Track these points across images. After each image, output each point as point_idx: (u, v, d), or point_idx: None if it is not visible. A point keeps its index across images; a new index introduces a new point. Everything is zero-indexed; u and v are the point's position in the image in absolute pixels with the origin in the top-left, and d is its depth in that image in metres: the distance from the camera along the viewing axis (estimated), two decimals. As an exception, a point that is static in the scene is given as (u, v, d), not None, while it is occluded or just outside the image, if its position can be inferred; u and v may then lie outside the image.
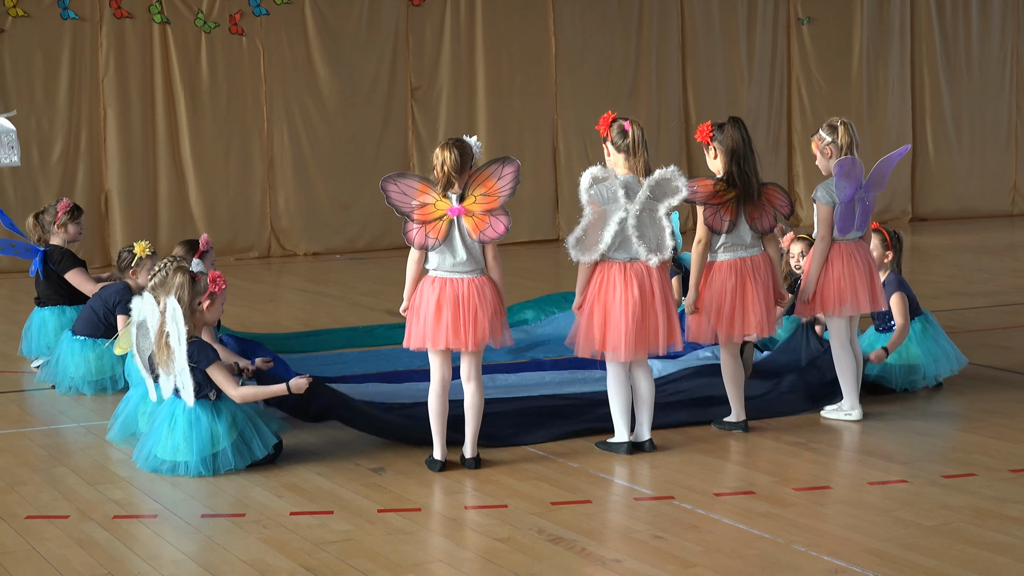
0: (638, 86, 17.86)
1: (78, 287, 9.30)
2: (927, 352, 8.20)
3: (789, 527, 5.65)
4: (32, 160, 14.67)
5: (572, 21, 17.43)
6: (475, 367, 6.63)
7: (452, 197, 6.51)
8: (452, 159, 6.43)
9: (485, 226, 6.50)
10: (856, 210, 7.52)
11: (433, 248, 6.50)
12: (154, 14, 15.36)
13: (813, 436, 7.25)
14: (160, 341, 6.65)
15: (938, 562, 5.19)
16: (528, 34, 17.24)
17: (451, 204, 6.50)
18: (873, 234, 8.28)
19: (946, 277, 13.15)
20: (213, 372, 6.63)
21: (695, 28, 18.15)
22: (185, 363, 6.55)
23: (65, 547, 5.53)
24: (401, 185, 6.52)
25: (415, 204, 6.51)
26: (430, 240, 6.49)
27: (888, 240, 8.28)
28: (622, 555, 5.34)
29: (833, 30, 18.97)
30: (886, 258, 8.27)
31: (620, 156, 6.84)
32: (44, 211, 9.51)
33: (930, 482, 6.32)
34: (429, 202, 6.51)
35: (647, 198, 6.78)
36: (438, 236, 6.48)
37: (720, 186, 7.15)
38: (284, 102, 16.00)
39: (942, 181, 19.76)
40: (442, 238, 6.47)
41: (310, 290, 12.74)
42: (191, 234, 14.84)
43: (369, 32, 16.42)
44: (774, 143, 18.74)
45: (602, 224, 6.80)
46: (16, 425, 7.75)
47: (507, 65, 17.14)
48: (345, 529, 5.73)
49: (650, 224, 6.81)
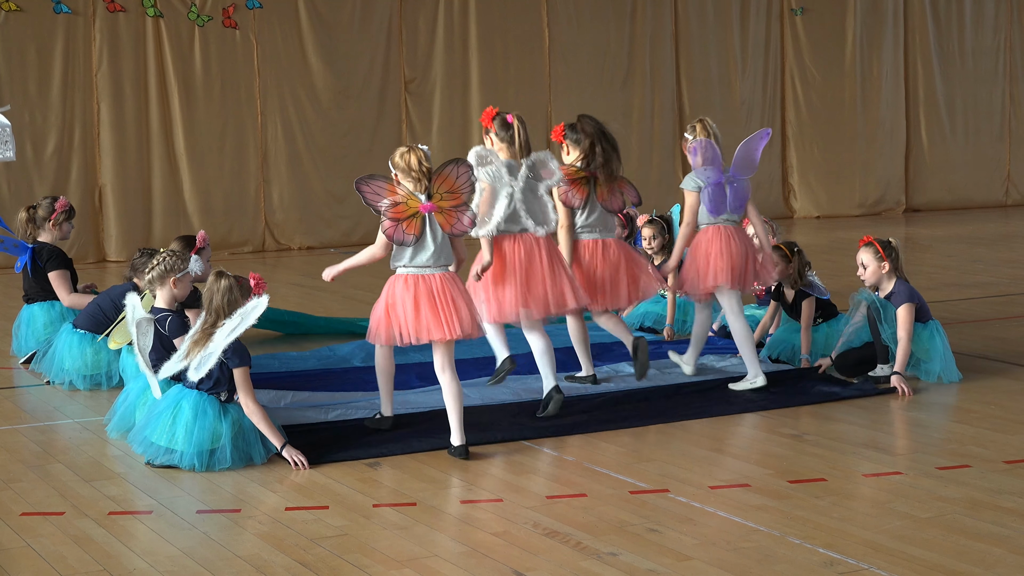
0: (632, 76, 17.85)
1: (55, 289, 9.25)
2: (925, 351, 8.20)
3: (784, 520, 5.66)
4: (26, 155, 14.65)
5: (566, 11, 17.42)
6: (448, 357, 6.83)
7: (420, 196, 6.84)
8: (422, 159, 6.85)
9: (455, 220, 6.91)
10: (727, 193, 8.17)
11: (410, 243, 6.80)
12: (147, 8, 15.34)
13: (808, 428, 7.26)
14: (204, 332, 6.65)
15: (933, 554, 5.20)
16: (521, 24, 17.23)
17: (421, 201, 6.84)
18: (864, 248, 8.28)
19: (940, 268, 13.16)
20: (240, 374, 6.62)
21: (689, 18, 18.14)
22: (219, 350, 6.55)
23: (61, 544, 5.53)
24: (373, 186, 6.84)
25: (388, 203, 6.82)
26: (408, 236, 6.80)
27: (881, 251, 8.24)
28: (618, 548, 5.34)
29: (827, 20, 18.96)
30: (883, 269, 8.24)
31: (503, 145, 7.65)
32: (37, 206, 9.49)
33: (925, 474, 6.33)
34: (400, 200, 6.82)
35: (528, 177, 7.64)
36: (414, 232, 6.81)
37: (576, 170, 8.10)
38: (278, 95, 15.98)
39: (936, 171, 19.76)
40: (418, 233, 6.81)
41: (305, 284, 12.74)
42: (185, 229, 14.83)
43: (362, 24, 16.40)
44: (768, 134, 18.72)
45: (493, 200, 7.52)
46: (10, 421, 7.74)
47: (501, 56, 17.13)
48: (341, 524, 5.73)
49: (533, 200, 7.62)
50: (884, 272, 8.24)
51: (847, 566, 5.09)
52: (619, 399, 7.88)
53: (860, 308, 8.28)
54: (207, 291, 6.75)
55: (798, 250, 8.74)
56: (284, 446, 6.63)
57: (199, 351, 6.62)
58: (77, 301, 9.15)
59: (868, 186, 19.26)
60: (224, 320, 6.61)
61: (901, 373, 8.00)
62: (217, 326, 6.63)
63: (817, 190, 19.00)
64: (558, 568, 5.15)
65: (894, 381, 7.95)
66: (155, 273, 7.37)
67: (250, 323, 6.56)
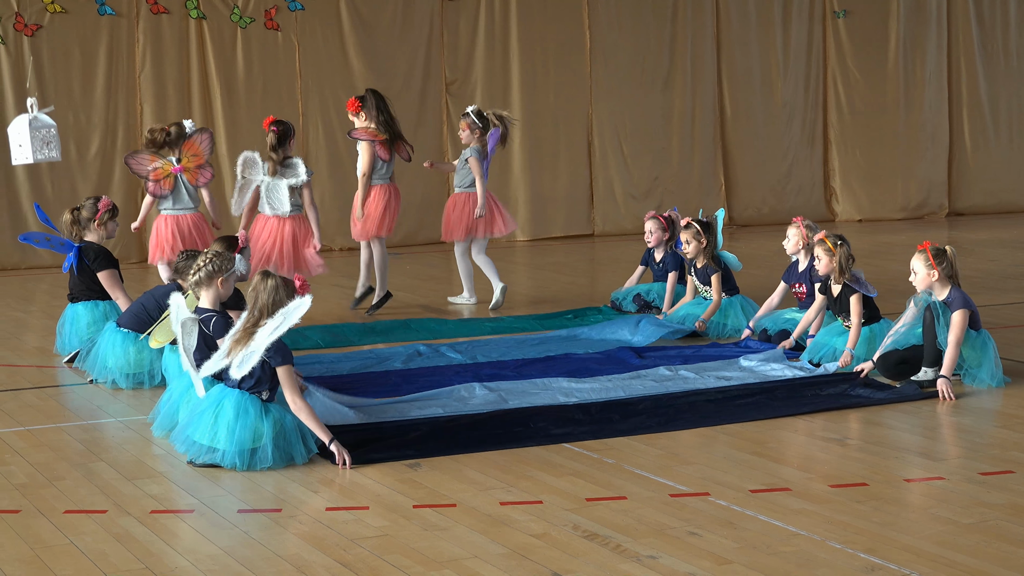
0: (673, 78, 17.80)
1: (107, 289, 9.35)
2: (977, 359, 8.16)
3: (825, 524, 5.64)
4: (70, 156, 14.74)
5: (606, 13, 17.39)
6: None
7: (172, 160, 10.22)
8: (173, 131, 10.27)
9: (199, 175, 10.30)
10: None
11: (165, 196, 10.21)
12: (190, 9, 15.42)
13: (848, 432, 7.23)
14: (246, 330, 6.69)
15: (975, 560, 5.17)
16: (562, 27, 17.20)
17: (173, 164, 10.21)
18: (918, 254, 8.25)
19: (983, 273, 13.07)
20: (284, 372, 6.65)
21: (730, 20, 18.07)
22: (261, 348, 6.58)
23: (103, 542, 5.57)
24: (137, 158, 10.29)
25: (150, 169, 10.21)
26: (163, 190, 10.21)
27: (932, 258, 8.20)
28: (657, 551, 5.34)
29: (869, 21, 18.84)
30: (931, 277, 8.20)
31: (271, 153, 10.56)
32: (81, 207, 9.57)
33: (968, 479, 6.30)
34: (159, 165, 10.18)
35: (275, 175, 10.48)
36: (168, 188, 10.21)
37: (378, 132, 11.19)
38: (319, 96, 16.02)
39: (979, 175, 19.60)
40: (170, 188, 10.21)
41: (345, 285, 12.77)
42: (226, 230, 14.88)
43: (404, 26, 16.43)
44: (809, 137, 18.63)
45: (248, 188, 10.51)
46: (55, 420, 7.80)
47: (541, 58, 17.12)
48: (381, 525, 5.74)
49: (275, 192, 10.43)
50: (934, 280, 8.21)
51: (888, 571, 5.07)
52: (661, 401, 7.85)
53: (918, 308, 8.24)
54: (252, 290, 6.79)
55: (841, 244, 8.71)
56: (332, 441, 6.66)
57: (240, 349, 6.65)
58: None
59: (910, 189, 19.13)
60: (267, 319, 6.64)
61: (947, 377, 7.96)
62: (259, 325, 6.66)
63: (859, 193, 18.89)
64: (597, 570, 5.15)
65: (940, 384, 7.91)
66: (202, 274, 7.43)
67: (292, 322, 6.59)
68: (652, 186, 17.64)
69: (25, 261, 14.68)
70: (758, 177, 18.29)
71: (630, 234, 16.97)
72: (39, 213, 10.04)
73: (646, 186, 17.61)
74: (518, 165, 17.01)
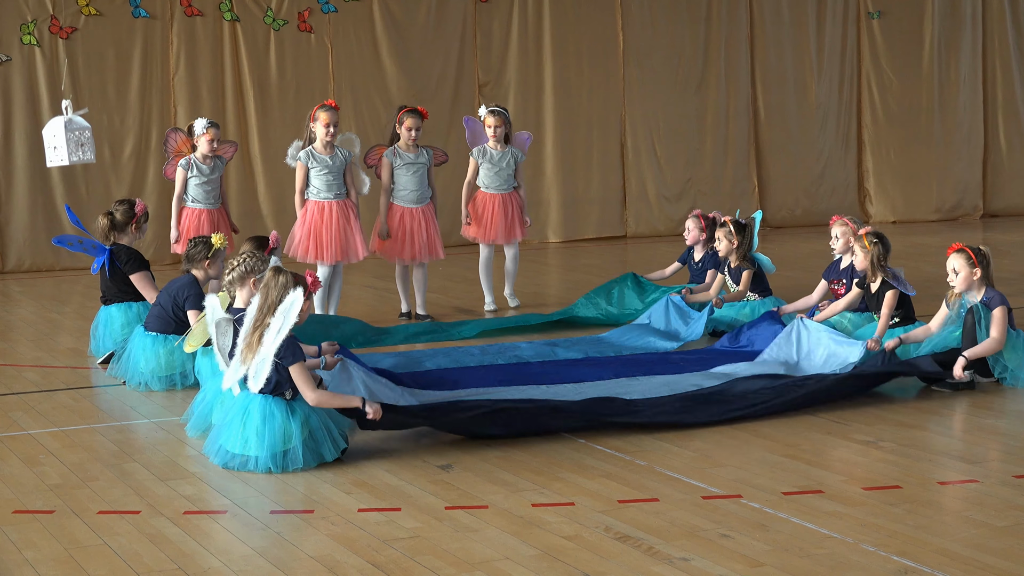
0: (706, 79, 17.77)
1: (141, 291, 9.41)
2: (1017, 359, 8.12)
3: (858, 526, 5.62)
4: (104, 158, 14.82)
5: (640, 14, 17.37)
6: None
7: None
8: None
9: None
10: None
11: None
12: (224, 11, 15.48)
13: (882, 435, 7.20)
14: (255, 329, 6.71)
15: (1009, 563, 5.14)
16: (596, 28, 17.20)
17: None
18: (956, 254, 8.22)
19: (1018, 274, 12.98)
20: (295, 371, 6.66)
21: (764, 21, 18.02)
22: (271, 354, 6.60)
23: (136, 542, 5.60)
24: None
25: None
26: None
27: (973, 257, 8.18)
28: (689, 554, 5.33)
29: (904, 23, 18.76)
30: (974, 276, 8.18)
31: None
32: (114, 211, 9.62)
33: (1001, 482, 6.26)
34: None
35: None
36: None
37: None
38: (352, 98, 16.06)
39: (1014, 176, 19.49)
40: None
41: (377, 287, 12.80)
42: (259, 231, 14.93)
43: (437, 28, 16.45)
44: (844, 139, 18.56)
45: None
46: (88, 421, 7.84)
47: (574, 60, 17.11)
48: (413, 526, 5.75)
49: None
50: (976, 279, 8.18)
51: (921, 574, 5.04)
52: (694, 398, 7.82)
53: (953, 311, 8.22)
54: (264, 285, 6.80)
55: (877, 240, 8.70)
56: (364, 401, 6.71)
57: (252, 356, 6.66)
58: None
59: (945, 191, 19.04)
60: (271, 318, 6.65)
61: (968, 358, 7.94)
62: (266, 322, 6.66)
63: (893, 195, 18.81)
64: (629, 572, 5.14)
65: (958, 363, 7.90)
66: (236, 274, 7.50)
67: (292, 320, 6.59)
68: (685, 187, 17.61)
69: (60, 262, 14.77)
70: (791, 179, 18.24)
71: (663, 236, 16.95)
72: (70, 215, 10.09)
73: (679, 187, 17.59)
74: (551, 166, 17.01)
